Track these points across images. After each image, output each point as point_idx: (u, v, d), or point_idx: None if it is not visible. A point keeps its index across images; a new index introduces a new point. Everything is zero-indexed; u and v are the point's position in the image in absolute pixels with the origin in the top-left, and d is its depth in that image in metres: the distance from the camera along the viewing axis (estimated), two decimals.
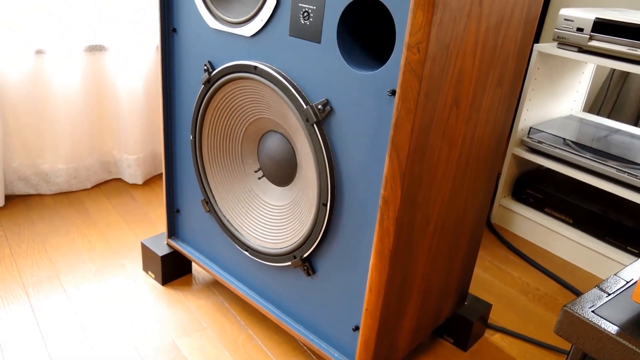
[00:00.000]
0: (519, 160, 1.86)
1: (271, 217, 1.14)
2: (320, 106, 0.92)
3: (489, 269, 1.64)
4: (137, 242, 1.61)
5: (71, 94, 1.74)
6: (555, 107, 1.90)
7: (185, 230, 1.36)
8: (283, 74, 0.97)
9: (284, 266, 1.12)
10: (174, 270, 1.44)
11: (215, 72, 1.08)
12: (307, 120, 0.94)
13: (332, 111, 0.92)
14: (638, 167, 1.55)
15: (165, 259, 1.39)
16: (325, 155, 0.94)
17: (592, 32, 1.55)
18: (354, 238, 0.96)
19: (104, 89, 1.83)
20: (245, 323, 1.31)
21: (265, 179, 1.16)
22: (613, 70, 2.11)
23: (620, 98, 2.11)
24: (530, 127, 1.78)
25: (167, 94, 1.24)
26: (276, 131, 1.09)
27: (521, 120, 1.78)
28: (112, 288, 1.40)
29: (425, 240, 1.00)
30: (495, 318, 1.42)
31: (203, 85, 1.12)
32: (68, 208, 1.76)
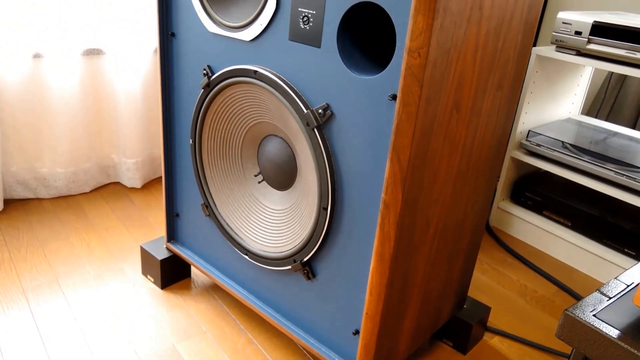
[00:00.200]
0: (517, 163, 1.87)
1: (271, 221, 1.14)
2: (321, 110, 0.92)
3: (487, 271, 1.64)
4: (136, 246, 1.61)
5: (69, 98, 1.73)
6: (553, 110, 1.91)
7: (184, 234, 1.36)
8: (283, 78, 0.97)
9: (284, 270, 1.12)
10: (173, 274, 1.43)
11: (214, 76, 1.08)
12: (307, 124, 0.94)
13: (332, 115, 0.92)
14: (636, 169, 1.55)
15: (164, 263, 1.39)
16: (326, 159, 0.94)
17: (590, 35, 1.55)
18: (354, 242, 0.96)
19: (102, 91, 1.82)
20: (245, 327, 1.31)
21: (265, 183, 1.16)
22: (611, 73, 2.12)
23: (618, 101, 2.12)
24: (529, 130, 1.79)
25: (166, 98, 1.24)
26: (276, 135, 1.09)
27: (520, 124, 1.78)
28: (112, 292, 1.39)
29: (426, 244, 1.00)
30: (494, 321, 1.42)
31: (202, 90, 1.12)
32: (67, 212, 1.75)
